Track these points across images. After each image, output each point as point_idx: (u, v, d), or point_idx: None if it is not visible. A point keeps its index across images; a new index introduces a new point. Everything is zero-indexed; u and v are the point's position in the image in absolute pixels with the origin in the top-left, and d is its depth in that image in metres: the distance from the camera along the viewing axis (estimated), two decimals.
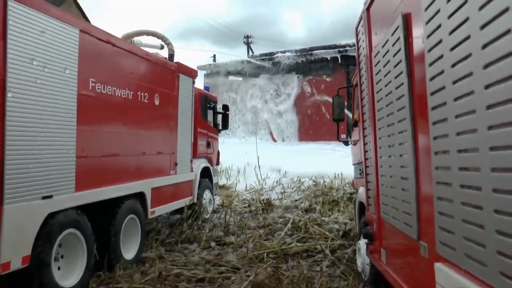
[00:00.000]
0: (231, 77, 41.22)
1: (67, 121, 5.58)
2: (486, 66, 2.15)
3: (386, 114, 4.31)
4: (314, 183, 16.24)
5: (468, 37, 2.34)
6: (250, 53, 49.91)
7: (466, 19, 2.34)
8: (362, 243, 6.21)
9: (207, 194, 11.34)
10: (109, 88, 6.59)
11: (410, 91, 3.55)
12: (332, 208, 12.04)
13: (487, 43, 2.13)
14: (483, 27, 2.16)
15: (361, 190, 6.66)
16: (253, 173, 18.28)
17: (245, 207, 13.07)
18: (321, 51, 36.97)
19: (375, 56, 4.79)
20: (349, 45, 34.30)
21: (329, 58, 36.03)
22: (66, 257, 5.70)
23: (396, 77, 3.87)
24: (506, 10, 1.96)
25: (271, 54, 40.86)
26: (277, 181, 17.46)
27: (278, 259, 7.57)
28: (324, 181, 16.05)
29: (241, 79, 41.50)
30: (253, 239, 8.67)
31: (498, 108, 2.06)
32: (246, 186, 16.44)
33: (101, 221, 6.43)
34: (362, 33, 5.57)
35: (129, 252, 7.16)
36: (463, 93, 2.42)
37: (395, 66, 3.91)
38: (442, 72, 2.71)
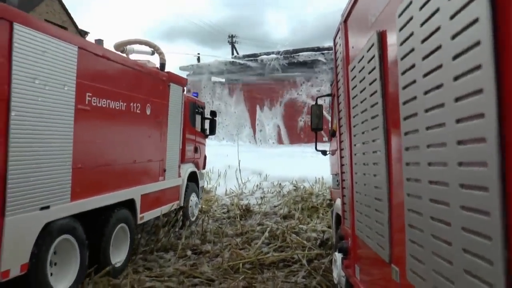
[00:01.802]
0: (214, 78, 40.99)
1: (64, 134, 5.86)
2: (456, 78, 2.08)
3: (361, 132, 4.23)
4: (295, 188, 16.20)
5: (439, 55, 2.26)
6: (235, 53, 49.72)
7: (439, 42, 2.27)
8: (338, 255, 6.13)
9: (193, 198, 11.52)
10: (104, 101, 6.83)
11: (384, 112, 3.47)
12: (311, 214, 12.01)
13: (457, 54, 2.06)
14: (454, 36, 2.08)
15: (338, 201, 6.59)
16: (234, 176, 18.17)
17: (224, 212, 12.97)
18: (305, 53, 36.97)
19: (351, 70, 4.71)
20: (331, 48, 34.25)
21: (312, 61, 36.04)
22: (60, 262, 5.92)
23: (371, 95, 3.79)
24: (475, 21, 1.88)
25: (255, 55, 40.73)
26: (257, 185, 17.39)
27: (253, 269, 7.49)
28: (304, 186, 15.99)
29: (224, 80, 41.29)
30: (230, 248, 8.56)
31: (467, 123, 1.98)
32: (226, 190, 16.36)
33: (93, 228, 6.62)
34: (340, 45, 5.50)
35: (117, 259, 7.32)
36: (434, 104, 2.34)
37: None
38: (414, 81, 2.64)
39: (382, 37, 3.54)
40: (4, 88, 4.88)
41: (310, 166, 18.80)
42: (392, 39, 3.24)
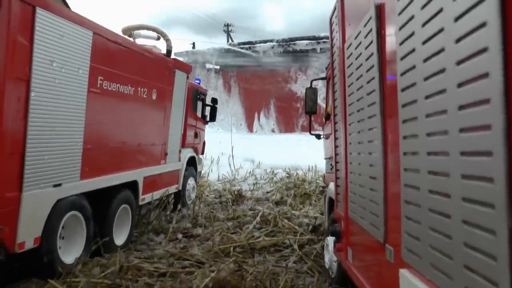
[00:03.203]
0: (208, 65, 40.67)
1: (77, 116, 6.10)
2: (460, 63, 1.96)
3: (357, 109, 4.12)
4: (287, 175, 16.11)
5: (441, 30, 2.15)
6: (230, 41, 49.35)
7: (440, 10, 2.15)
8: (330, 239, 6.05)
9: (190, 182, 11.68)
10: (114, 85, 7.08)
11: (381, 86, 3.36)
12: (304, 201, 11.92)
13: (461, 37, 1.94)
14: (457, 19, 1.97)
15: (331, 185, 6.50)
16: (227, 163, 18.07)
17: (215, 197, 12.88)
18: (301, 42, 36.73)
19: (347, 48, 4.59)
20: (327, 37, 34.08)
21: (308, 49, 35.83)
22: (67, 237, 6.17)
23: (367, 71, 3.68)
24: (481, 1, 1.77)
25: (251, 43, 40.41)
26: (250, 171, 17.29)
27: (244, 253, 7.39)
28: (297, 173, 15.91)
29: (218, 67, 40.99)
30: (221, 232, 8.47)
31: (470, 110, 1.87)
32: (218, 176, 16.25)
33: (98, 208, 6.86)
34: (336, 24, 5.37)
35: (119, 238, 7.53)
36: (435, 91, 2.22)
37: (366, 59, 3.72)
38: (413, 67, 2.52)
39: (380, 10, 3.41)
40: (25, 69, 5.09)
41: (303, 154, 18.69)
42: (391, 13, 3.11)
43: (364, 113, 3.83)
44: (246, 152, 19.88)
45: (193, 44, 45.69)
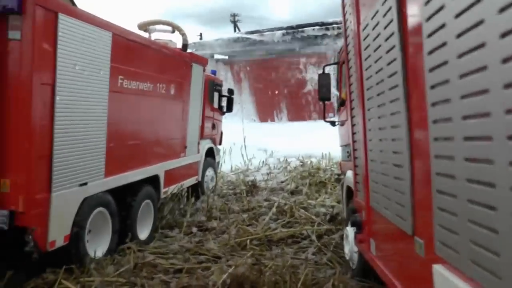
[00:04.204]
0: (216, 56, 40.37)
1: (99, 116, 6.26)
2: (504, 35, 1.73)
3: (377, 93, 3.89)
4: (301, 164, 15.89)
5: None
6: (237, 31, 48.94)
7: None
8: (350, 230, 5.85)
9: (209, 173, 11.80)
10: (134, 83, 7.22)
11: (403, 67, 3.12)
12: (319, 190, 11.68)
13: (505, 5, 1.70)
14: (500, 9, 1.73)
15: (349, 173, 6.28)
16: (239, 153, 17.86)
17: (229, 189, 12.70)
18: (309, 28, 36.29)
19: (363, 30, 4.34)
20: (336, 23, 33.66)
21: (316, 36, 35.39)
22: (94, 233, 6.34)
23: (388, 52, 3.44)
24: None
25: (258, 31, 40.00)
26: (263, 161, 17.08)
27: (261, 246, 7.21)
28: (311, 162, 15.67)
29: (227, 57, 40.69)
30: (236, 225, 8.29)
31: None
32: (231, 167, 16.06)
33: (122, 204, 7.04)
34: (349, 5, 5.12)
35: (143, 233, 7.63)
36: (473, 68, 1.99)
37: (386, 40, 3.48)
38: (444, 44, 2.28)
39: None
40: (50, 74, 5.26)
41: (316, 142, 18.45)
42: None
43: (385, 97, 3.59)
44: (258, 142, 19.65)
45: (200, 35, 45.33)
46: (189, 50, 10.20)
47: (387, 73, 3.47)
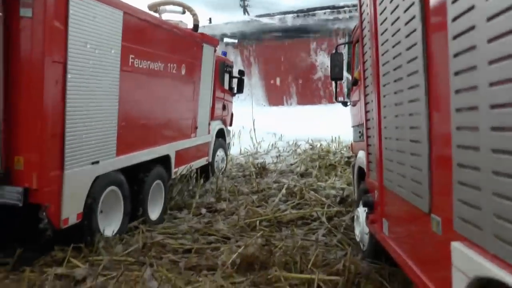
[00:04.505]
0: (226, 39, 40.08)
1: (111, 94, 6.26)
2: None
3: (393, 68, 3.75)
4: (311, 147, 15.77)
5: None
6: (246, 15, 48.56)
7: None
8: (361, 211, 5.76)
9: (219, 153, 11.86)
10: (145, 63, 7.18)
11: (424, 37, 2.98)
12: (329, 172, 11.57)
13: None
14: None
15: (361, 154, 6.17)
16: (248, 137, 17.76)
17: (239, 171, 12.63)
18: (320, 12, 35.88)
19: (380, 3, 4.19)
20: (347, 6, 33.26)
21: (327, 19, 34.99)
22: (106, 211, 6.37)
23: (406, 23, 3.30)
24: None
25: (269, 15, 39.62)
26: (272, 144, 16.97)
27: (271, 227, 7.13)
28: (321, 145, 15.54)
29: (236, 41, 40.38)
30: (246, 206, 8.21)
31: None
32: (240, 150, 15.98)
33: (133, 184, 7.08)
34: None
35: (153, 213, 7.63)
36: (503, 31, 1.86)
37: (405, 11, 3.33)
38: (472, 7, 2.15)
39: None
40: (62, 52, 5.24)
41: (325, 125, 18.29)
42: None
43: (402, 71, 3.46)
44: (267, 125, 19.52)
45: (210, 19, 44.99)
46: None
47: (405, 46, 3.34)
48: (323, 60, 33.79)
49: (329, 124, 18.10)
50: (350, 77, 7.97)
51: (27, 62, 5.13)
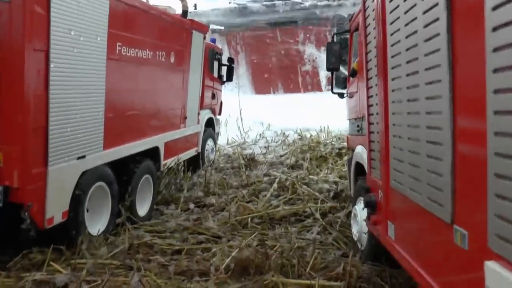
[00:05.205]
0: (212, 26, 39.44)
1: (97, 85, 5.97)
2: None
3: (406, 61, 3.42)
4: (300, 137, 15.49)
5: None
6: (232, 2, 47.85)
7: None
8: (359, 209, 5.48)
9: (209, 143, 11.68)
10: (133, 50, 6.90)
11: (449, 25, 2.64)
12: (320, 164, 11.27)
13: None
14: None
15: (359, 149, 5.87)
16: (235, 125, 17.40)
17: (227, 163, 12.29)
18: None
19: None
20: None
21: (316, 5, 34.59)
22: (92, 209, 6.08)
23: (425, 12, 2.96)
24: None
25: (256, 1, 39.04)
26: (260, 134, 16.65)
27: (263, 224, 6.84)
28: (310, 135, 15.25)
29: (222, 28, 39.80)
30: (236, 201, 7.89)
31: None
32: (227, 140, 15.62)
33: (121, 180, 6.78)
34: None
35: (142, 209, 7.34)
36: None
37: None
38: None
39: None
40: (44, 39, 4.94)
41: (313, 114, 18.02)
42: None
43: (418, 64, 3.13)
44: (254, 114, 19.17)
45: (195, 5, 44.18)
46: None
47: (424, 36, 3.00)
48: (311, 52, 33.45)
49: (317, 113, 17.82)
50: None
51: (6, 51, 4.78)
